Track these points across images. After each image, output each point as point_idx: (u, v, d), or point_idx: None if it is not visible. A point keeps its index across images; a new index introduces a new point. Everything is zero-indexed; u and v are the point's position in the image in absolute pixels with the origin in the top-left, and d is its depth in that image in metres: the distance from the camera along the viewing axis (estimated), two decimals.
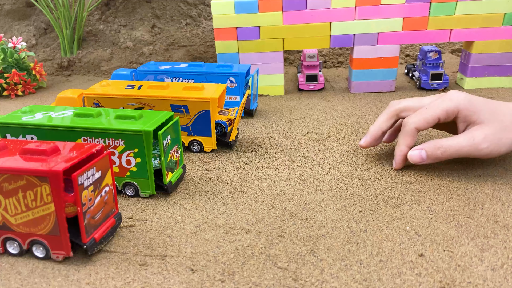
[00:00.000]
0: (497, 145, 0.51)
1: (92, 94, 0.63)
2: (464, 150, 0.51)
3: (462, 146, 0.51)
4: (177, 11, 1.47)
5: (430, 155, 0.53)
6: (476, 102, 0.52)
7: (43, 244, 0.40)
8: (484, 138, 0.50)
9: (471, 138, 0.51)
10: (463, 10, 0.85)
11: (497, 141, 0.50)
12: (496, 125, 0.51)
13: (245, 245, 0.42)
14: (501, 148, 0.51)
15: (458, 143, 0.51)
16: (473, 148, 0.51)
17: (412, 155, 0.54)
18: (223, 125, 0.66)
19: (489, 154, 0.51)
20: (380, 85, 0.92)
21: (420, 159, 0.53)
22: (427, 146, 0.53)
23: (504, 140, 0.51)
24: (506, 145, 0.51)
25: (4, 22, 1.48)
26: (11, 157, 0.40)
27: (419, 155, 0.53)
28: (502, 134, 0.50)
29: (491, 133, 0.50)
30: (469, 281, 0.36)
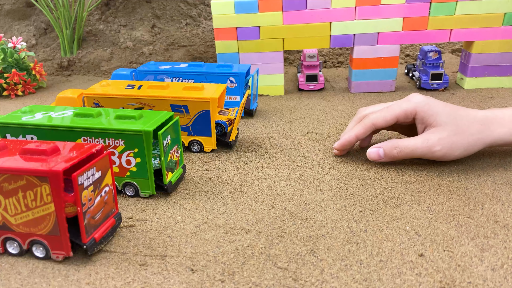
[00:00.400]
0: (451, 148, 0.52)
1: (92, 94, 0.63)
2: (419, 151, 0.53)
3: (417, 147, 0.53)
4: (177, 11, 1.47)
5: (387, 154, 0.55)
6: (434, 105, 0.54)
7: (43, 244, 0.40)
8: (438, 140, 0.52)
9: (426, 140, 0.53)
10: (463, 10, 0.85)
11: (451, 144, 0.52)
12: (451, 129, 0.52)
13: (245, 245, 0.42)
14: (454, 152, 0.53)
15: (414, 144, 0.53)
16: (427, 150, 0.53)
17: (370, 153, 0.56)
18: (223, 125, 0.66)
19: (443, 157, 0.53)
20: (380, 85, 0.92)
21: (378, 157, 0.56)
22: (385, 145, 0.55)
23: (458, 144, 0.52)
24: (460, 149, 0.53)
25: (4, 22, 1.48)
26: (11, 157, 0.40)
27: (377, 153, 0.56)
28: (456, 138, 0.52)
29: (446, 136, 0.52)
30: (469, 281, 0.36)
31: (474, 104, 0.82)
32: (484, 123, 0.53)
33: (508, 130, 0.53)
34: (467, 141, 0.53)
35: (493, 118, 0.53)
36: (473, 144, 0.53)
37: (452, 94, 0.89)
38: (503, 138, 0.53)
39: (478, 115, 0.54)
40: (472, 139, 0.53)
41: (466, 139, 0.53)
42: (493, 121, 0.53)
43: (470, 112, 0.54)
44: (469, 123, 0.53)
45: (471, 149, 0.53)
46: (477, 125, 0.53)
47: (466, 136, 0.52)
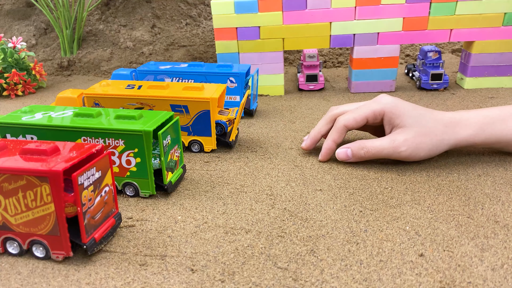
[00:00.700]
0: (416, 148, 0.54)
1: (92, 94, 0.63)
2: (385, 152, 0.55)
3: (383, 147, 0.55)
4: (177, 11, 1.47)
5: (355, 154, 0.57)
6: (402, 107, 0.55)
7: (43, 244, 0.40)
8: (404, 141, 0.54)
9: (392, 141, 0.54)
10: (463, 10, 0.85)
11: (416, 145, 0.54)
12: (417, 130, 0.54)
13: (245, 245, 0.42)
14: (420, 152, 0.54)
15: (380, 144, 0.55)
16: (393, 150, 0.54)
17: (339, 153, 0.58)
18: (223, 125, 0.66)
19: (408, 157, 0.55)
20: (380, 85, 0.92)
21: (346, 157, 0.57)
22: (352, 145, 0.57)
23: (423, 144, 0.54)
24: (425, 150, 0.54)
25: (4, 22, 1.48)
26: (11, 157, 0.40)
27: (345, 153, 0.57)
28: (421, 139, 0.54)
29: (411, 137, 0.54)
30: (469, 281, 0.36)
31: (474, 104, 0.82)
32: (448, 125, 0.54)
33: (472, 131, 0.54)
34: (431, 142, 0.54)
35: (459, 120, 0.55)
36: (437, 145, 0.54)
37: (452, 94, 0.89)
38: (467, 139, 0.55)
39: (444, 117, 0.55)
40: (436, 140, 0.54)
41: (431, 140, 0.54)
42: (458, 123, 0.55)
43: (436, 114, 0.55)
44: (434, 125, 0.54)
45: (435, 150, 0.55)
46: (441, 127, 0.54)
47: (431, 137, 0.54)
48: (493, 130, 0.54)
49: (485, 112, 0.55)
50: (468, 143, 0.55)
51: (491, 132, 0.54)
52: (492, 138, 0.54)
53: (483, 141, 0.55)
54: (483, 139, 0.54)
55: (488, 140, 0.55)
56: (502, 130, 0.54)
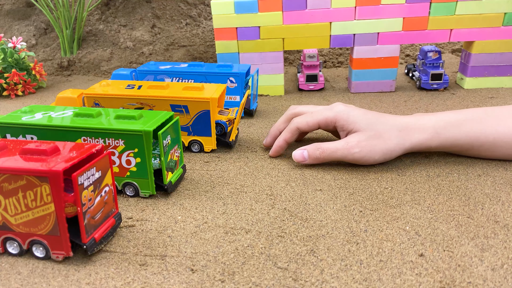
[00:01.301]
0: (370, 151, 0.55)
1: (92, 94, 0.63)
2: (339, 153, 0.56)
3: (337, 148, 0.56)
4: (177, 11, 1.47)
5: (311, 155, 0.57)
6: (354, 114, 0.56)
7: (43, 244, 0.40)
8: (357, 143, 0.55)
9: (346, 143, 0.56)
10: (463, 10, 0.85)
11: (370, 147, 0.55)
12: (370, 134, 0.55)
13: (245, 245, 0.42)
14: (374, 155, 0.55)
15: (335, 146, 0.56)
16: (347, 152, 0.55)
17: (295, 155, 0.58)
18: (223, 125, 0.65)
19: (362, 159, 0.55)
20: (380, 85, 0.92)
21: (302, 158, 0.58)
22: (309, 147, 0.58)
23: (377, 148, 0.55)
24: (379, 153, 0.55)
25: (4, 22, 1.48)
26: (11, 157, 0.40)
27: (302, 155, 0.58)
28: (375, 141, 0.55)
29: (364, 139, 0.55)
30: (469, 281, 0.36)
31: (474, 104, 0.82)
32: (402, 129, 0.55)
33: (427, 135, 0.55)
34: (385, 146, 0.55)
35: (414, 124, 0.56)
36: (392, 149, 0.55)
37: (452, 94, 0.89)
38: (422, 143, 0.55)
39: (399, 121, 0.56)
40: (390, 144, 0.55)
41: (385, 144, 0.55)
42: (413, 127, 0.55)
43: (390, 119, 0.56)
44: (388, 129, 0.55)
45: (390, 153, 0.55)
46: (395, 131, 0.55)
47: (385, 140, 0.55)
48: (448, 134, 0.55)
49: (441, 117, 0.56)
50: (424, 147, 0.56)
51: (446, 136, 0.55)
52: (447, 142, 0.55)
53: (438, 145, 0.56)
54: (437, 143, 0.55)
55: (443, 144, 0.55)
56: (456, 134, 0.55)
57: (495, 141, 0.54)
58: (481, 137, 0.55)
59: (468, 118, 0.55)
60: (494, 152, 0.56)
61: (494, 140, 0.54)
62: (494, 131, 0.54)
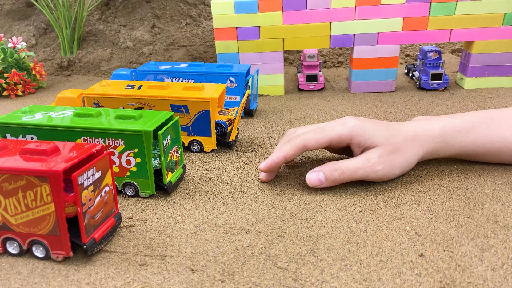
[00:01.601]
0: (391, 166, 0.51)
1: (92, 94, 0.63)
2: (361, 172, 0.50)
3: (358, 167, 0.50)
4: (177, 11, 1.47)
5: (328, 178, 0.51)
6: (368, 128, 0.51)
7: (43, 244, 0.40)
8: (379, 160, 0.50)
9: (367, 160, 0.50)
10: (463, 10, 0.85)
11: (391, 162, 0.51)
12: (389, 148, 0.51)
13: (245, 245, 0.42)
14: (395, 170, 0.52)
15: (355, 164, 0.51)
16: (369, 170, 0.50)
17: (310, 178, 0.52)
18: (223, 125, 0.65)
19: (384, 176, 0.51)
20: (380, 85, 0.92)
21: (319, 182, 0.51)
22: (325, 168, 0.51)
23: (397, 161, 0.51)
24: (399, 167, 0.52)
25: (4, 22, 1.48)
26: (11, 157, 0.40)
27: (318, 178, 0.51)
28: (394, 156, 0.51)
29: (385, 155, 0.51)
30: (469, 281, 0.36)
31: (474, 104, 0.82)
32: (413, 138, 0.52)
33: (436, 144, 0.53)
34: (404, 159, 0.52)
35: (422, 131, 0.53)
36: (409, 161, 0.52)
37: (452, 94, 0.89)
38: (432, 152, 0.53)
39: (406, 130, 0.53)
40: (407, 156, 0.52)
41: (403, 156, 0.52)
42: (421, 135, 0.53)
43: (399, 129, 0.53)
44: (401, 140, 0.52)
45: (407, 166, 0.53)
46: (408, 141, 0.52)
47: (402, 153, 0.51)
48: (455, 142, 0.53)
49: (446, 122, 0.54)
50: (432, 156, 0.54)
51: (453, 144, 0.53)
52: (453, 151, 0.54)
53: (445, 154, 0.54)
54: (445, 152, 0.54)
55: (450, 152, 0.54)
56: (462, 141, 0.53)
57: (500, 147, 0.53)
58: (487, 144, 0.53)
59: (474, 125, 0.53)
60: (498, 158, 0.55)
61: (500, 147, 0.53)
62: (501, 139, 0.53)
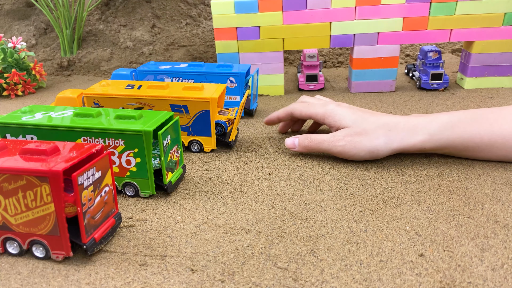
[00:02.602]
0: (354, 147, 0.56)
1: (92, 94, 0.63)
2: (325, 144, 0.59)
3: (324, 140, 0.59)
4: (177, 11, 1.47)
5: (300, 143, 0.61)
6: (341, 112, 0.59)
7: (43, 244, 0.40)
8: (344, 137, 0.57)
9: (333, 136, 0.58)
10: (463, 10, 0.85)
11: (354, 143, 0.56)
12: (356, 130, 0.57)
13: (245, 245, 0.42)
14: (360, 151, 0.56)
15: (322, 137, 0.59)
16: (332, 144, 0.58)
17: (287, 141, 0.63)
18: (222, 125, 0.65)
19: (346, 153, 0.57)
20: (380, 85, 0.92)
21: (293, 145, 0.62)
22: (300, 136, 0.62)
23: (362, 143, 0.56)
24: (364, 149, 0.56)
25: (4, 22, 1.48)
26: (11, 157, 0.40)
27: (293, 142, 0.62)
28: (360, 138, 0.56)
29: (350, 135, 0.57)
30: (469, 281, 0.36)
31: (474, 104, 0.82)
32: (392, 128, 0.56)
33: (421, 137, 0.55)
34: (371, 143, 0.56)
35: (405, 125, 0.55)
36: (379, 148, 0.56)
37: (452, 94, 0.89)
38: (415, 145, 0.56)
39: (390, 121, 0.56)
40: (377, 143, 0.55)
41: (370, 141, 0.56)
42: (404, 128, 0.55)
43: (381, 118, 0.57)
44: (375, 128, 0.56)
45: (376, 152, 0.56)
46: (383, 130, 0.56)
47: (370, 138, 0.56)
48: (441, 136, 0.55)
49: (434, 118, 0.56)
50: (417, 149, 0.56)
51: (440, 137, 0.55)
52: (441, 144, 0.55)
53: (432, 147, 0.56)
54: (432, 145, 0.55)
55: (437, 146, 0.55)
56: (449, 136, 0.55)
57: (490, 142, 0.54)
58: (475, 138, 0.54)
59: (461, 120, 0.55)
60: (489, 153, 0.55)
61: (489, 142, 0.54)
62: (489, 132, 0.54)
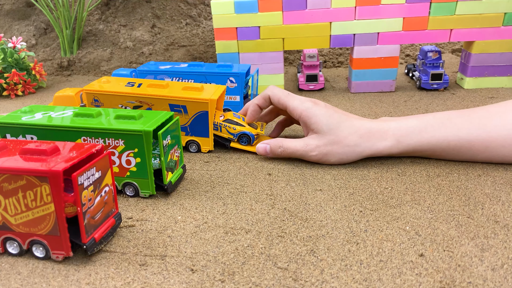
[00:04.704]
0: (326, 155, 0.57)
1: (91, 90, 0.63)
2: (298, 153, 0.58)
3: (297, 149, 0.58)
4: (177, 11, 1.47)
5: (273, 151, 0.60)
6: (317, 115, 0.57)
7: (43, 244, 0.40)
8: (316, 147, 0.57)
9: (306, 145, 0.57)
10: (463, 10, 0.85)
11: (326, 151, 0.57)
12: (329, 138, 0.56)
13: (245, 245, 0.42)
14: (330, 158, 0.57)
15: (295, 146, 0.58)
16: (305, 153, 0.58)
17: (258, 147, 0.61)
18: (250, 137, 0.64)
19: (318, 161, 0.58)
20: (380, 85, 0.92)
21: (265, 152, 0.61)
22: (272, 142, 0.60)
23: (333, 152, 0.56)
24: (335, 157, 0.57)
25: (4, 22, 1.48)
26: (11, 157, 0.40)
27: (264, 149, 0.61)
28: (332, 147, 0.56)
29: (322, 144, 0.56)
30: (469, 281, 0.36)
31: (474, 104, 0.82)
32: (363, 135, 0.56)
33: (388, 143, 0.56)
34: (342, 151, 0.56)
35: (376, 131, 0.56)
36: (349, 154, 0.57)
37: (452, 94, 0.89)
38: (383, 150, 0.56)
39: (362, 126, 0.56)
40: (347, 150, 0.56)
41: (342, 149, 0.56)
42: (374, 134, 0.56)
43: (355, 123, 0.56)
44: (347, 135, 0.56)
45: (346, 158, 0.57)
46: (355, 137, 0.56)
47: (342, 146, 0.56)
48: (409, 141, 0.55)
49: (403, 123, 0.56)
50: (385, 154, 0.57)
51: (408, 143, 0.55)
52: (408, 149, 0.56)
53: (400, 152, 0.57)
54: (399, 150, 0.56)
55: (405, 151, 0.56)
56: (417, 141, 0.55)
57: (456, 147, 0.55)
58: (442, 143, 0.55)
59: (429, 125, 0.55)
60: (456, 157, 0.56)
61: (456, 146, 0.55)
62: (456, 137, 0.54)
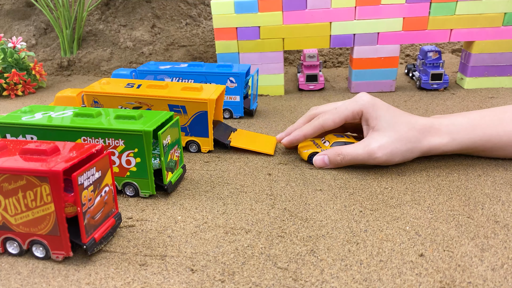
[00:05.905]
0: (391, 154, 0.54)
1: (91, 92, 0.63)
2: (360, 158, 0.55)
3: (358, 154, 0.55)
4: (177, 11, 1.47)
5: (332, 161, 0.57)
6: (379, 107, 0.55)
7: (43, 244, 0.40)
8: (379, 147, 0.54)
9: (367, 147, 0.54)
10: (463, 10, 0.85)
11: (391, 150, 0.54)
12: (391, 135, 0.54)
13: (245, 245, 0.42)
14: (395, 158, 0.55)
15: (355, 150, 0.55)
16: (368, 156, 0.54)
17: (316, 160, 0.58)
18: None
19: (384, 162, 0.55)
20: (380, 85, 0.92)
21: (323, 164, 0.57)
22: (329, 152, 0.57)
23: (397, 150, 0.54)
24: (399, 156, 0.55)
25: (4, 22, 1.48)
26: (11, 157, 0.40)
27: (322, 160, 0.57)
28: (395, 145, 0.54)
29: (386, 143, 0.54)
30: (469, 281, 0.36)
31: (474, 104, 0.82)
32: (421, 131, 0.55)
33: (442, 140, 0.55)
34: (405, 148, 0.54)
35: (430, 128, 0.55)
36: (411, 151, 0.55)
37: (452, 94, 0.89)
38: (438, 147, 0.55)
39: (418, 122, 0.55)
40: (410, 146, 0.54)
41: (405, 146, 0.54)
42: (430, 131, 0.55)
43: (411, 119, 0.55)
44: (407, 130, 0.54)
45: (409, 155, 0.55)
46: (415, 133, 0.55)
47: (404, 143, 0.54)
48: (463, 138, 0.55)
49: (454, 120, 0.56)
50: (439, 151, 0.56)
51: (462, 140, 0.55)
52: (462, 146, 0.56)
53: (453, 150, 0.56)
54: (453, 147, 0.56)
55: (458, 148, 0.56)
56: (470, 138, 0.55)
57: (508, 141, 0.55)
58: (494, 139, 0.55)
59: (480, 122, 0.55)
60: (503, 152, 0.56)
61: (507, 140, 0.55)
62: (508, 133, 0.54)
